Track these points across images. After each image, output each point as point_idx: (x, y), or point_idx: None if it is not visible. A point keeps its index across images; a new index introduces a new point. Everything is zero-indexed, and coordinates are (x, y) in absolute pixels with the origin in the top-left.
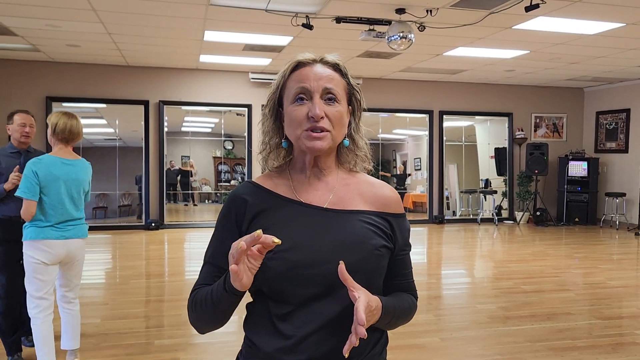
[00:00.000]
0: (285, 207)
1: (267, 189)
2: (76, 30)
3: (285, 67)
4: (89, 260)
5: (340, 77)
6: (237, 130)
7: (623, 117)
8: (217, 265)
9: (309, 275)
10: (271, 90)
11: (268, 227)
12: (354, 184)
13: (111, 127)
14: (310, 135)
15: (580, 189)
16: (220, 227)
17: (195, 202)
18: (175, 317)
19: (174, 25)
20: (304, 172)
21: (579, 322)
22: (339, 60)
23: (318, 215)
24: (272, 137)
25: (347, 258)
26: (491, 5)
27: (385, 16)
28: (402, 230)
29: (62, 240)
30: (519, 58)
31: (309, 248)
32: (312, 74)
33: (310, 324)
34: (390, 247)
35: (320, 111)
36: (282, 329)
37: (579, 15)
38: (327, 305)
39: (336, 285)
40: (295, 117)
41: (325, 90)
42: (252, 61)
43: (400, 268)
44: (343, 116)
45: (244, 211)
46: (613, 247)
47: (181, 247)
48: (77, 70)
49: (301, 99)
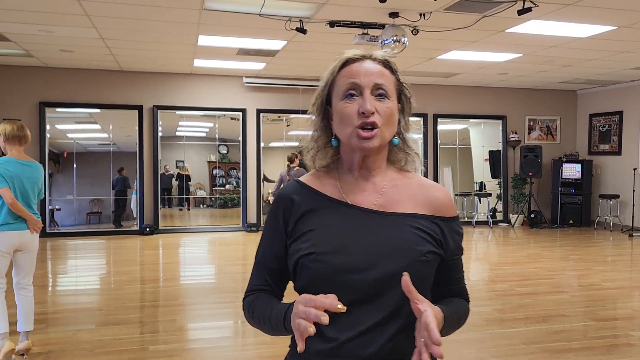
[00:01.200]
0: (331, 209)
1: (314, 189)
2: (69, 35)
3: (333, 64)
4: (82, 266)
5: (390, 73)
6: (232, 135)
7: (616, 119)
8: (267, 266)
9: (352, 281)
10: (319, 88)
11: (313, 228)
12: (403, 185)
13: (105, 132)
14: (361, 133)
15: (574, 191)
16: (268, 227)
17: (189, 207)
18: (170, 323)
19: (167, 30)
20: (352, 172)
21: (574, 324)
22: (388, 56)
23: (364, 217)
24: (320, 135)
25: (391, 264)
26: (484, 9)
27: (379, 20)
28: (453, 235)
29: (17, 231)
30: (513, 61)
31: (353, 252)
32: (363, 69)
33: (352, 329)
34: (440, 253)
35: (371, 106)
36: (325, 332)
37: (571, 18)
38: (370, 312)
39: (379, 291)
40: (346, 114)
41: (376, 85)
42: (246, 65)
43: (452, 273)
44: (394, 113)
45: (291, 211)
46: (607, 248)
47: (176, 252)
48: (71, 75)
49: (351, 95)
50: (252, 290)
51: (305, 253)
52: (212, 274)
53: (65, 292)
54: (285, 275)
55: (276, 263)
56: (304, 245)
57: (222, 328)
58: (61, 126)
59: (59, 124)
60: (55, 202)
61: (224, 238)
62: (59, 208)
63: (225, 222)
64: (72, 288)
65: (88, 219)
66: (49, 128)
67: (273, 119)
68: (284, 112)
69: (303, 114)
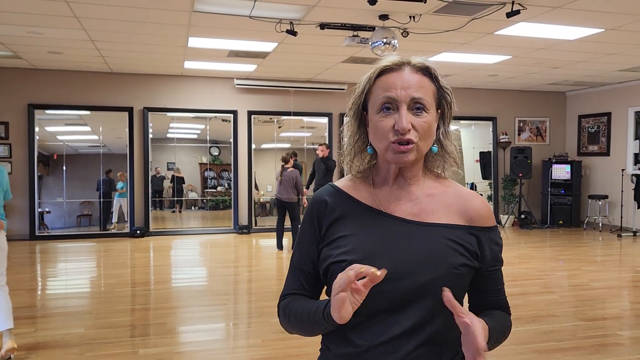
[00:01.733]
0: (365, 216)
1: (349, 194)
2: (58, 37)
3: (370, 72)
4: (72, 269)
5: (430, 81)
6: (223, 136)
7: (604, 120)
8: (302, 270)
9: (381, 290)
10: (355, 94)
11: (345, 234)
12: (439, 194)
13: (95, 134)
14: (396, 148)
15: (564, 191)
16: (303, 231)
17: (181, 209)
18: (161, 326)
19: (157, 32)
20: (387, 180)
21: (563, 324)
22: (428, 62)
23: (398, 226)
24: (356, 141)
25: (422, 275)
26: (473, 11)
27: (369, 22)
28: (491, 245)
29: None
30: (502, 63)
31: (384, 262)
32: (400, 81)
33: (379, 337)
34: (473, 266)
35: (407, 124)
36: (352, 338)
37: (559, 21)
38: (398, 320)
39: (408, 302)
40: (381, 128)
41: (413, 100)
42: (237, 67)
43: (491, 284)
44: (431, 126)
45: (325, 213)
46: (596, 248)
47: (167, 254)
48: (60, 77)
49: (387, 108)
50: (287, 295)
51: (335, 260)
52: (203, 276)
53: (55, 296)
54: (320, 279)
55: (311, 267)
56: (335, 252)
57: (213, 331)
58: (51, 128)
59: (49, 126)
60: (45, 204)
61: (216, 240)
62: (48, 211)
63: (216, 224)
64: (61, 291)
65: (78, 221)
66: (38, 130)
67: (264, 121)
68: (275, 113)
69: (294, 115)
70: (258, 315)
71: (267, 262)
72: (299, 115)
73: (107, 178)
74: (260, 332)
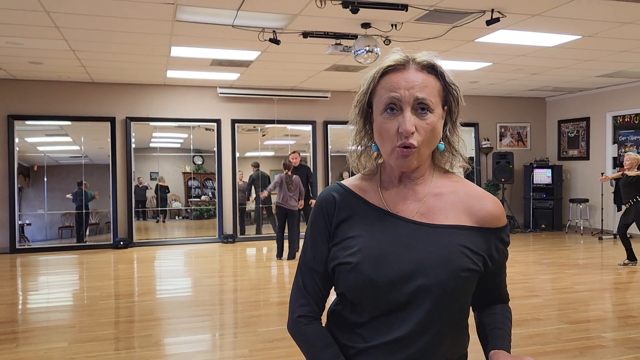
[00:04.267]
0: (371, 217)
1: (356, 193)
2: (39, 47)
3: (374, 70)
4: (54, 282)
5: (435, 79)
6: (207, 145)
7: (583, 125)
8: (317, 271)
9: (386, 292)
10: (359, 93)
11: (352, 235)
12: (448, 193)
13: (76, 145)
14: (399, 153)
15: (546, 195)
16: (314, 229)
17: (164, 219)
18: (146, 338)
19: (139, 42)
20: (393, 180)
21: (548, 327)
22: (433, 59)
23: (404, 228)
24: (362, 138)
25: (427, 278)
26: (454, 20)
27: (351, 30)
28: (498, 244)
29: None
30: (483, 70)
31: (388, 265)
32: (404, 81)
33: (382, 337)
34: (479, 270)
35: (410, 126)
36: (356, 339)
37: (537, 28)
38: (402, 321)
39: (413, 304)
40: (385, 131)
41: (417, 100)
42: (220, 76)
43: (497, 281)
44: (435, 126)
45: (334, 211)
46: (578, 252)
47: (151, 265)
48: (41, 87)
49: (392, 109)
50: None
51: (343, 262)
52: (188, 286)
53: (36, 310)
54: (331, 278)
55: (325, 266)
56: (342, 253)
57: (199, 342)
58: (31, 139)
59: (29, 137)
60: (25, 217)
61: (200, 250)
62: (29, 223)
63: (201, 234)
64: (43, 305)
65: (60, 233)
66: (18, 141)
67: (248, 129)
68: (259, 122)
69: (278, 123)
70: (244, 325)
71: (252, 271)
72: (282, 124)
73: (79, 190)
74: (247, 342)
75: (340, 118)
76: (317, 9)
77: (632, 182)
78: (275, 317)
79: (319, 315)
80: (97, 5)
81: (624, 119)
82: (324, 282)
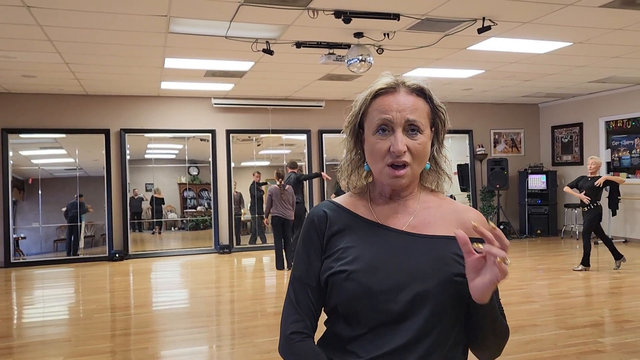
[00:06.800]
0: (363, 228)
1: (347, 208)
2: (32, 60)
3: (365, 93)
4: (50, 295)
5: (424, 102)
6: (202, 156)
7: (576, 130)
8: (309, 285)
9: (382, 302)
10: (351, 114)
11: (345, 246)
12: (436, 207)
13: (71, 157)
14: (391, 172)
15: (541, 201)
16: (306, 244)
17: (160, 230)
18: (143, 351)
19: (133, 54)
20: (383, 196)
21: (545, 333)
22: (422, 83)
23: (396, 238)
24: (352, 158)
25: (422, 285)
26: (445, 28)
27: (344, 40)
28: None
29: None
30: (476, 77)
31: (384, 273)
32: (395, 104)
33: (380, 349)
34: None
35: (402, 146)
36: (354, 351)
37: (529, 35)
38: (399, 332)
39: (409, 313)
40: (377, 151)
41: (408, 122)
42: (215, 87)
43: None
44: (425, 147)
45: (325, 226)
46: (574, 257)
47: (147, 277)
48: (34, 100)
49: (383, 130)
50: (302, 330)
51: (337, 270)
52: (184, 298)
53: (32, 324)
54: (323, 293)
55: (317, 280)
56: (336, 264)
57: (196, 354)
58: (25, 152)
59: (23, 150)
60: (20, 230)
61: (197, 261)
62: (24, 236)
63: (197, 245)
64: (39, 319)
65: (55, 246)
66: (12, 155)
67: (243, 139)
68: (254, 132)
69: (273, 133)
70: (241, 336)
71: (249, 281)
72: (277, 133)
73: (75, 201)
74: (244, 353)
75: (335, 127)
76: (310, 19)
77: (595, 186)
78: (272, 328)
79: (312, 333)
80: (90, 19)
81: (617, 124)
82: (317, 297)
